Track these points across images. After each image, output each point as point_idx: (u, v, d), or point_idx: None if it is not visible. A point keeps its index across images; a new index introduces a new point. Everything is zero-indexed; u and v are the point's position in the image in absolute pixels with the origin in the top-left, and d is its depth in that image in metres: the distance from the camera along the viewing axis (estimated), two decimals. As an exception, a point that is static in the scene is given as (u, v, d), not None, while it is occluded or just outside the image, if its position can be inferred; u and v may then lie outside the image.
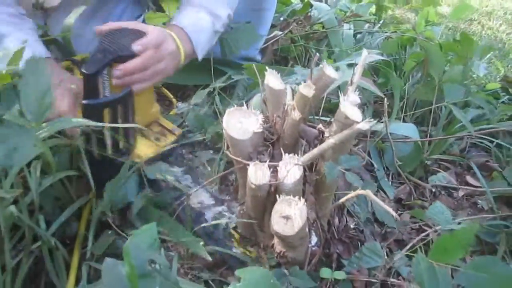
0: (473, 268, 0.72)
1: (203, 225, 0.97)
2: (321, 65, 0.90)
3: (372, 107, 1.54)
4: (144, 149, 1.06)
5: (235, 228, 1.01)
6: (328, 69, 0.89)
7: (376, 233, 1.09)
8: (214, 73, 1.37)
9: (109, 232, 0.96)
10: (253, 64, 0.97)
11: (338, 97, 1.49)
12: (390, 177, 1.33)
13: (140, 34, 1.01)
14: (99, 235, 0.97)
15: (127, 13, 1.53)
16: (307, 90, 0.84)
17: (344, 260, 0.95)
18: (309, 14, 1.99)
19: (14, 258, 0.85)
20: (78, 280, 0.89)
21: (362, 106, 1.43)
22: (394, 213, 0.68)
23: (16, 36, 1.05)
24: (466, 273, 0.71)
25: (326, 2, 2.10)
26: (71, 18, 1.39)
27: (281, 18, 1.91)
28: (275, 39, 1.77)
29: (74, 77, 1.14)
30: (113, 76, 0.96)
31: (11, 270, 0.82)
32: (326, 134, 0.89)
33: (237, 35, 1.43)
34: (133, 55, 0.98)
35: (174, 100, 1.43)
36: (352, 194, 0.78)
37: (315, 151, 0.83)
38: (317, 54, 0.94)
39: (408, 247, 1.00)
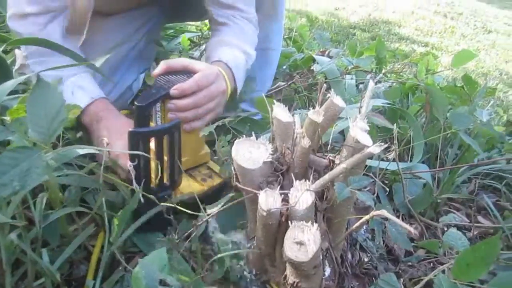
0: (498, 284, 0.69)
1: (218, 256, 0.94)
2: (328, 95, 0.91)
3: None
4: (188, 187, 1.04)
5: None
6: (336, 99, 0.90)
7: (390, 270, 1.06)
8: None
9: (119, 268, 0.93)
10: (264, 98, 0.98)
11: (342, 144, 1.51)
12: (400, 218, 1.30)
13: (192, 73, 1.03)
14: (108, 274, 0.94)
15: (133, 69, 1.54)
16: (316, 116, 0.85)
17: (360, 294, 0.92)
18: (311, 67, 2.04)
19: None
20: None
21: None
22: (411, 229, 0.66)
23: (71, 81, 1.08)
24: (491, 290, 0.68)
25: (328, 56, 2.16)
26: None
27: (284, 67, 1.95)
28: (278, 89, 1.80)
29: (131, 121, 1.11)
30: (167, 109, 0.98)
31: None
32: (337, 161, 0.88)
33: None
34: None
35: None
36: (367, 216, 0.76)
37: (326, 177, 0.82)
38: (324, 84, 0.95)
39: (424, 281, 0.97)
